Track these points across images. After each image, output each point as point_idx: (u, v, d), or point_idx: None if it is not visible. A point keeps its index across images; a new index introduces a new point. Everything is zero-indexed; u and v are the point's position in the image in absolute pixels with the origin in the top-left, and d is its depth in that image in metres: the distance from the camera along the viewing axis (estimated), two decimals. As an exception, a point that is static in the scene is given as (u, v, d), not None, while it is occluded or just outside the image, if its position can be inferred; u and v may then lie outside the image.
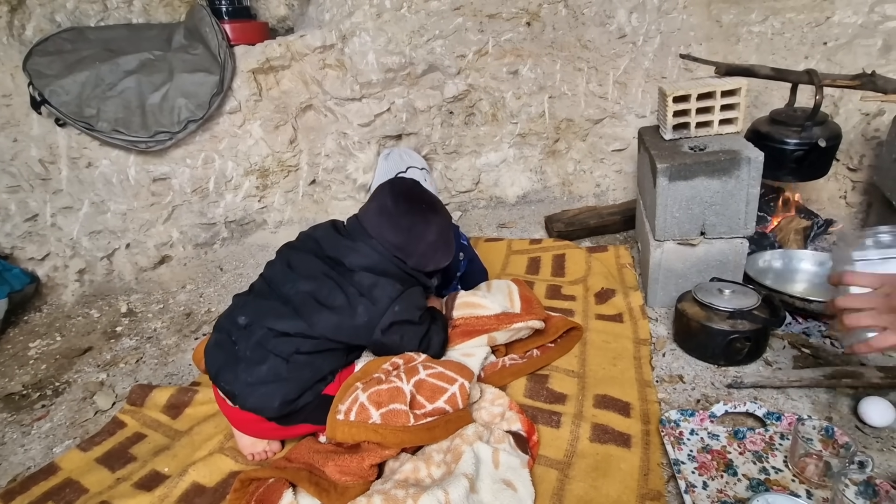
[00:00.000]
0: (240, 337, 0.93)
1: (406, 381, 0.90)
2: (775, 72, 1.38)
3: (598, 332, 1.27)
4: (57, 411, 1.21)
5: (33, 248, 1.71)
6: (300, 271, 0.98)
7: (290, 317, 0.93)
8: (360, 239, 1.01)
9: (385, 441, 0.83)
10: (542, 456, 0.91)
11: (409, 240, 1.02)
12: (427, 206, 1.07)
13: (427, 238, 1.04)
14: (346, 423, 0.85)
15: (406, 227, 1.02)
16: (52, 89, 1.62)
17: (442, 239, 1.08)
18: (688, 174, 1.21)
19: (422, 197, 1.08)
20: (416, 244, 1.03)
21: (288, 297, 0.95)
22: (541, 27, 1.95)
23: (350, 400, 0.87)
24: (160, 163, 1.80)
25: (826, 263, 1.38)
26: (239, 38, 1.87)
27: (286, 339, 0.91)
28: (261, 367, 0.90)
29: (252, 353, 0.91)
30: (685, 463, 0.88)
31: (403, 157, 1.38)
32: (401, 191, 1.06)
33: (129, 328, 1.56)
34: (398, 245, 1.01)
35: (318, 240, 1.03)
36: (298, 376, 0.91)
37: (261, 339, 0.91)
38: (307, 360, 0.93)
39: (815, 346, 1.18)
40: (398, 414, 0.85)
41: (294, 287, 0.95)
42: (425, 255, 1.05)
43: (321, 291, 0.94)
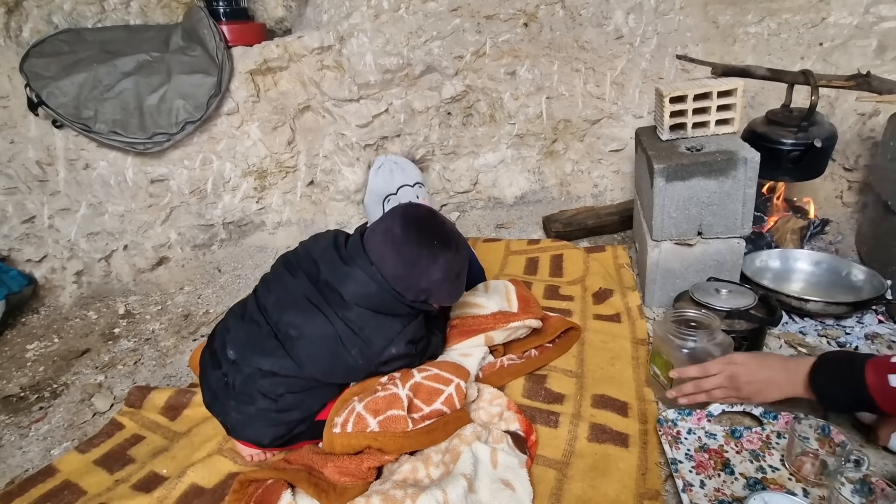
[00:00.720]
0: (230, 370, 0.90)
1: (402, 387, 0.90)
2: (771, 72, 1.39)
3: (596, 332, 1.28)
4: (55, 413, 1.21)
5: (31, 250, 1.71)
6: (293, 299, 0.90)
7: (278, 355, 0.87)
8: (360, 264, 0.91)
9: (385, 447, 0.83)
10: (540, 456, 0.91)
11: (411, 274, 0.92)
12: (439, 241, 0.95)
13: (431, 276, 0.93)
14: (343, 434, 0.85)
15: (410, 261, 0.92)
16: (49, 91, 1.61)
17: (449, 278, 0.96)
18: (685, 175, 1.21)
19: (434, 230, 0.96)
20: (418, 280, 0.93)
21: (278, 328, 0.89)
22: (538, 28, 1.96)
23: (346, 412, 0.87)
24: (158, 164, 1.80)
25: (822, 263, 1.39)
26: (237, 39, 1.87)
27: (274, 380, 0.88)
28: (249, 406, 0.88)
29: (241, 388, 0.88)
30: (682, 462, 0.88)
31: (395, 172, 1.34)
32: (414, 220, 0.95)
33: (127, 330, 1.56)
34: (398, 277, 0.92)
35: (317, 260, 0.94)
36: (287, 416, 0.90)
37: (249, 378, 0.88)
38: (297, 400, 0.90)
39: (812, 346, 1.18)
40: (396, 420, 0.85)
41: (283, 317, 0.89)
42: (427, 291, 0.95)
43: (312, 329, 0.88)
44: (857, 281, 1.30)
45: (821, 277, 1.37)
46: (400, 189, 1.30)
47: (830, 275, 1.36)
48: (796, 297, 1.22)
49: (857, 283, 1.30)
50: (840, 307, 1.20)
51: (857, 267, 1.33)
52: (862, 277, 1.30)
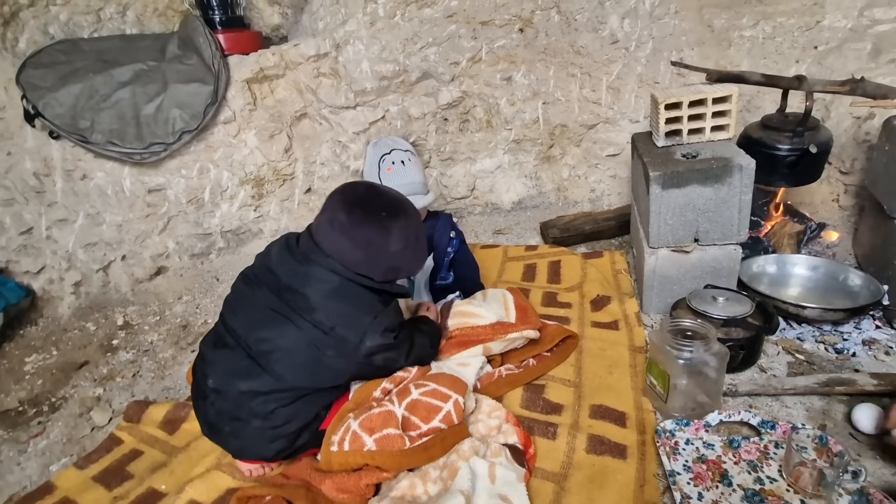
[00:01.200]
0: (215, 399, 0.88)
1: (398, 404, 0.90)
2: (766, 78, 1.39)
3: (593, 339, 1.28)
4: (53, 428, 1.20)
5: (28, 262, 1.71)
6: (258, 314, 0.88)
7: (255, 374, 0.86)
8: (316, 261, 0.89)
9: (383, 465, 0.83)
10: (538, 468, 0.91)
11: (370, 254, 0.90)
12: (387, 212, 0.92)
13: (391, 249, 0.91)
14: (341, 453, 0.85)
15: (365, 242, 0.89)
16: (45, 102, 1.61)
17: (409, 245, 0.94)
18: (680, 182, 1.21)
19: (378, 202, 0.93)
20: (379, 257, 0.91)
21: (249, 347, 0.88)
22: (534, 33, 1.96)
23: (342, 430, 0.87)
24: (155, 174, 1.79)
25: (819, 268, 1.39)
26: (233, 47, 1.87)
27: (261, 399, 0.86)
28: (245, 429, 0.87)
29: (232, 413, 0.87)
30: (680, 473, 0.88)
31: (389, 142, 1.41)
32: (353, 199, 0.91)
33: (125, 341, 1.56)
34: (359, 262, 0.89)
35: (273, 269, 0.92)
36: (285, 429, 0.88)
37: (235, 402, 0.86)
38: (290, 412, 0.88)
39: (809, 352, 1.18)
40: (393, 439, 0.85)
41: (253, 335, 0.87)
42: (393, 267, 0.93)
43: (283, 340, 0.86)
44: (854, 286, 1.30)
45: (818, 282, 1.37)
46: (393, 150, 1.36)
47: (828, 280, 1.36)
48: (793, 304, 1.22)
49: (855, 289, 1.30)
50: (837, 313, 1.21)
51: (854, 272, 1.33)
52: (859, 283, 1.30)
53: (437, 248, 1.40)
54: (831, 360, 1.16)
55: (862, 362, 1.13)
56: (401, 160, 1.35)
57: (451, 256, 1.43)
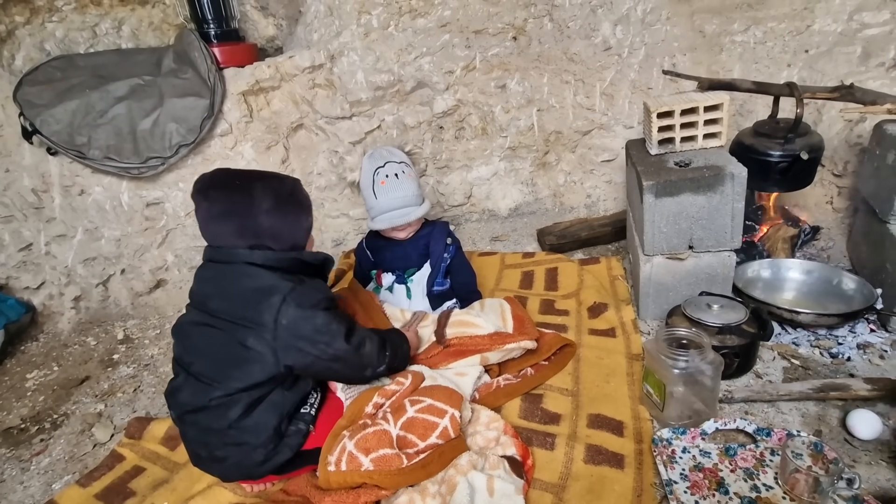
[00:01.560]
0: (185, 430, 0.92)
1: (393, 423, 0.90)
2: (757, 85, 1.40)
3: (591, 347, 1.29)
4: (56, 445, 1.21)
5: (28, 278, 1.71)
6: (192, 337, 0.90)
7: (203, 390, 0.86)
8: (214, 258, 0.89)
9: (382, 484, 0.84)
10: (536, 479, 0.92)
11: (243, 222, 0.87)
12: (242, 179, 0.91)
13: (263, 207, 0.88)
14: (339, 472, 0.85)
15: (233, 212, 0.87)
16: (42, 119, 1.62)
17: (282, 198, 0.90)
18: (673, 190, 1.22)
19: (231, 174, 0.93)
20: (255, 221, 0.87)
21: (192, 370, 0.89)
22: (527, 41, 1.97)
23: (338, 450, 0.87)
24: (153, 188, 1.80)
25: (813, 272, 1.40)
26: (228, 60, 1.88)
27: (208, 415, 0.86)
28: (217, 451, 0.89)
29: (202, 440, 0.90)
30: (678, 482, 0.89)
31: (383, 153, 1.42)
32: (208, 182, 0.91)
33: (126, 355, 1.56)
34: (247, 238, 0.87)
35: (195, 292, 0.95)
36: (253, 440, 0.87)
37: (199, 427, 0.89)
38: (250, 422, 0.86)
39: (805, 357, 1.19)
40: (389, 459, 0.85)
41: (187, 355, 0.90)
42: (275, 226, 0.89)
43: (204, 343, 0.87)
44: (847, 290, 1.32)
45: (812, 287, 1.38)
46: (387, 163, 1.37)
47: (822, 284, 1.37)
48: (787, 309, 1.23)
49: (849, 293, 1.31)
50: (831, 318, 1.22)
51: (847, 276, 1.34)
52: (853, 287, 1.31)
53: (434, 254, 1.41)
54: (826, 364, 1.17)
55: (857, 366, 1.14)
56: (394, 173, 1.36)
57: (447, 263, 1.44)
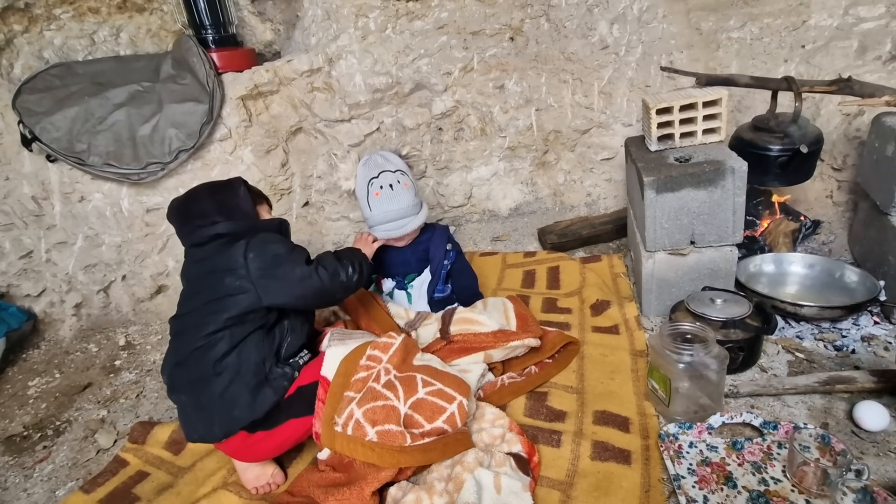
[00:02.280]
0: (177, 394, 0.97)
1: (403, 401, 0.91)
2: (755, 80, 1.40)
3: (594, 345, 1.28)
4: (59, 452, 1.20)
5: (29, 285, 1.71)
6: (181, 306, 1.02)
7: (188, 339, 0.95)
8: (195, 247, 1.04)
9: (381, 461, 0.84)
10: (543, 477, 0.92)
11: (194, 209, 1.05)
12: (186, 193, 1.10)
13: (200, 194, 1.07)
14: (344, 436, 0.87)
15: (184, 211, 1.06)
16: (42, 126, 1.63)
17: (211, 185, 1.11)
18: (674, 186, 1.22)
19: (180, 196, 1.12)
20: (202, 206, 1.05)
21: (180, 330, 0.99)
22: (524, 41, 1.98)
23: (346, 414, 0.89)
24: (153, 193, 1.80)
25: (815, 266, 1.40)
26: (226, 65, 1.89)
27: (200, 360, 0.93)
28: (201, 399, 0.92)
29: (188, 396, 0.94)
30: (685, 477, 0.89)
31: (378, 160, 1.39)
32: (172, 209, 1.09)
33: (128, 361, 1.56)
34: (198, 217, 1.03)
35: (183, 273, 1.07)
36: (237, 378, 0.93)
37: (185, 379, 0.94)
38: (233, 360, 0.94)
39: (809, 350, 1.19)
40: (394, 435, 0.86)
41: (182, 321, 0.99)
42: (217, 202, 1.06)
43: (196, 301, 0.98)
44: (850, 283, 1.31)
45: (815, 280, 1.38)
46: (381, 173, 1.34)
47: (825, 277, 1.37)
48: (791, 303, 1.23)
49: (851, 285, 1.31)
50: (835, 311, 1.21)
51: (850, 269, 1.34)
52: (855, 279, 1.31)
53: (434, 260, 1.39)
54: (831, 357, 1.16)
55: (862, 358, 1.14)
56: (389, 184, 1.31)
57: (447, 269, 1.42)
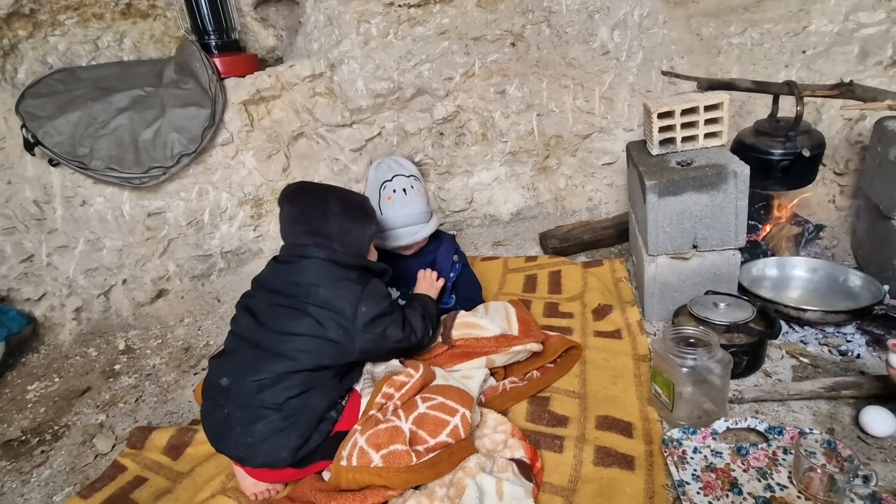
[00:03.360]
0: (226, 400, 0.92)
1: (405, 420, 0.89)
2: (756, 84, 1.41)
3: (597, 349, 1.27)
4: (56, 457, 1.19)
5: (30, 289, 1.71)
6: (263, 314, 0.97)
7: (271, 360, 0.91)
8: (296, 254, 1.01)
9: (390, 483, 0.83)
10: (546, 483, 0.90)
11: (319, 225, 1.02)
12: (320, 190, 1.08)
13: (333, 211, 1.03)
14: (349, 468, 0.84)
15: (313, 217, 1.03)
16: (45, 130, 1.63)
17: (349, 206, 1.06)
18: (676, 190, 1.22)
19: (309, 187, 1.11)
20: (327, 225, 1.02)
21: (259, 343, 0.94)
22: (525, 47, 1.99)
23: (350, 445, 0.87)
24: (154, 197, 1.81)
25: (819, 270, 1.40)
26: (229, 70, 1.90)
27: (273, 390, 0.90)
28: (256, 425, 0.89)
29: (242, 413, 0.90)
30: (689, 483, 0.87)
31: (392, 165, 1.37)
32: (291, 193, 1.07)
33: (127, 366, 1.55)
34: (317, 237, 1.01)
35: (268, 278, 1.03)
36: (297, 422, 0.90)
37: (247, 398, 0.90)
38: (300, 404, 0.91)
39: (814, 355, 1.18)
40: (399, 455, 0.84)
41: (263, 332, 0.95)
42: (343, 229, 1.03)
43: (288, 323, 0.94)
44: (854, 287, 1.31)
45: (818, 284, 1.38)
46: (395, 177, 1.33)
47: (828, 281, 1.37)
48: (794, 307, 1.22)
49: (855, 290, 1.30)
50: (839, 315, 1.21)
51: (854, 273, 1.33)
52: (859, 283, 1.30)
53: (441, 272, 1.37)
54: (836, 362, 1.15)
55: (867, 363, 1.13)
56: (402, 188, 1.30)
57: (453, 280, 1.41)
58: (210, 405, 0.94)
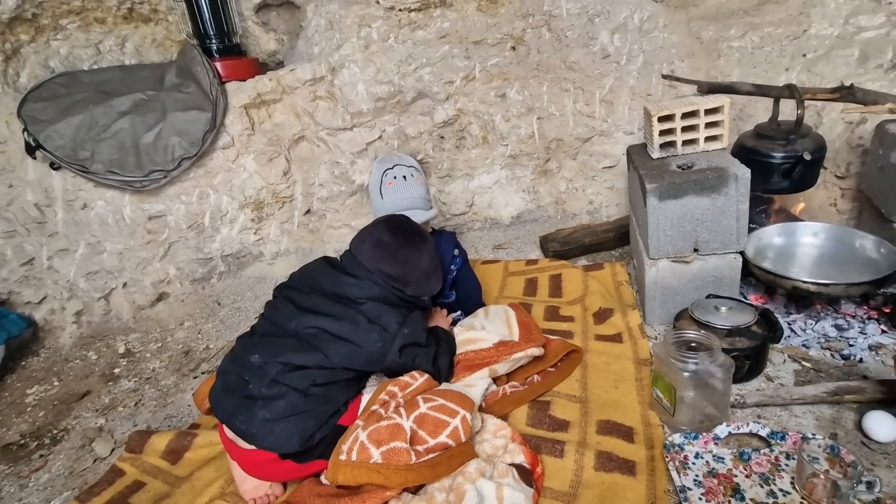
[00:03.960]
0: (253, 376, 0.94)
1: (406, 417, 0.89)
2: (756, 88, 1.41)
3: (598, 353, 1.27)
4: (55, 461, 1.19)
5: (30, 292, 1.71)
6: (306, 308, 1.01)
7: (305, 350, 0.96)
8: (359, 273, 1.07)
9: (387, 481, 0.82)
10: (547, 488, 0.90)
11: (406, 270, 1.10)
12: (419, 238, 1.16)
13: (421, 267, 1.13)
14: (348, 463, 0.84)
15: (403, 259, 1.10)
16: (46, 134, 1.64)
17: (433, 265, 1.18)
18: (677, 193, 1.22)
19: (413, 229, 1.18)
20: (412, 273, 1.11)
21: (298, 333, 0.99)
22: (526, 51, 1.99)
23: (351, 439, 0.87)
24: (155, 201, 1.81)
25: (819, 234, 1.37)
26: (230, 74, 1.91)
27: (302, 373, 0.94)
28: (279, 402, 0.91)
29: (268, 389, 0.92)
30: (692, 489, 0.87)
31: (394, 157, 1.45)
32: (396, 227, 1.15)
33: (127, 369, 1.55)
34: (396, 277, 1.08)
35: (317, 278, 1.08)
36: (316, 409, 0.93)
37: (276, 376, 0.93)
38: (324, 392, 0.95)
39: (816, 359, 1.17)
40: (399, 452, 0.84)
41: (302, 323, 0.99)
42: (420, 282, 1.13)
43: (333, 325, 0.98)
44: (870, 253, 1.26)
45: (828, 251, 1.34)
46: (396, 166, 1.40)
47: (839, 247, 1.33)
48: (814, 282, 1.15)
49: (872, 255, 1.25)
50: (862, 287, 1.14)
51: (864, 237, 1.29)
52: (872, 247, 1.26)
53: (440, 264, 1.39)
54: (838, 366, 1.15)
55: (870, 368, 1.12)
56: (402, 175, 1.38)
57: (453, 275, 1.43)
58: (230, 381, 0.96)
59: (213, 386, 0.98)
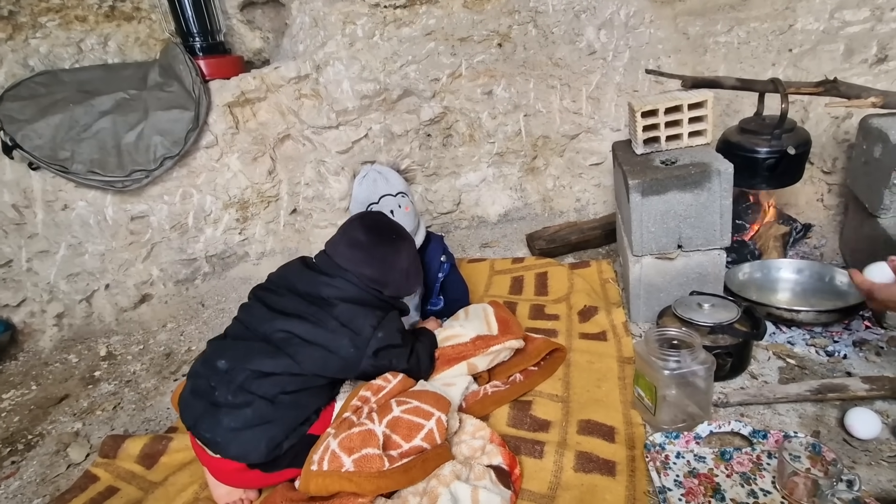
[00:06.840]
0: (219, 382, 0.90)
1: (378, 423, 0.87)
2: (741, 82, 1.39)
3: (582, 351, 1.25)
4: (28, 467, 1.16)
5: (8, 295, 1.68)
6: (279, 310, 0.97)
7: (274, 356, 0.92)
8: (335, 273, 1.03)
9: (360, 489, 0.80)
10: (525, 490, 0.88)
11: (384, 270, 1.06)
12: (396, 235, 1.12)
13: (399, 266, 1.09)
14: (320, 473, 0.82)
15: (380, 259, 1.06)
16: (24, 134, 1.61)
17: (413, 265, 1.14)
18: (660, 189, 1.20)
19: (390, 227, 1.14)
20: (390, 273, 1.07)
21: (268, 336, 0.95)
22: (512, 48, 1.98)
23: (322, 448, 0.85)
24: (137, 201, 1.78)
25: (804, 270, 1.38)
26: (214, 73, 1.88)
27: (271, 379, 0.90)
28: (245, 410, 0.88)
29: (234, 397, 0.89)
30: (671, 489, 0.85)
31: (378, 182, 1.36)
32: (371, 224, 1.11)
33: (107, 372, 1.52)
34: (373, 277, 1.05)
35: (291, 278, 1.05)
36: (284, 417, 0.90)
37: (243, 382, 0.89)
38: (293, 400, 0.92)
39: (801, 356, 1.16)
40: (371, 459, 0.82)
41: (273, 326, 0.95)
42: (398, 282, 1.09)
43: (303, 328, 0.94)
44: (841, 286, 1.29)
45: (805, 285, 1.36)
46: (382, 198, 1.33)
47: (815, 281, 1.35)
48: (787, 309, 1.20)
49: (843, 288, 1.28)
50: (832, 315, 1.18)
51: (840, 272, 1.31)
52: (846, 281, 1.28)
53: (428, 272, 1.37)
54: (823, 363, 1.13)
55: (854, 364, 1.11)
56: (390, 210, 1.32)
57: (441, 280, 1.41)
58: (197, 385, 0.93)
59: (182, 389, 0.96)
